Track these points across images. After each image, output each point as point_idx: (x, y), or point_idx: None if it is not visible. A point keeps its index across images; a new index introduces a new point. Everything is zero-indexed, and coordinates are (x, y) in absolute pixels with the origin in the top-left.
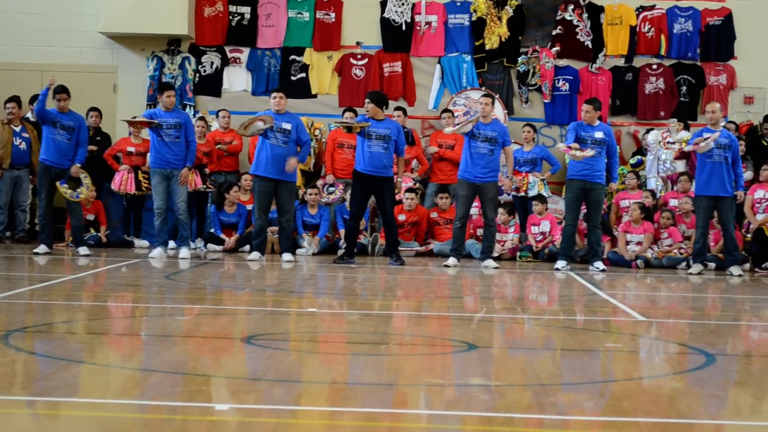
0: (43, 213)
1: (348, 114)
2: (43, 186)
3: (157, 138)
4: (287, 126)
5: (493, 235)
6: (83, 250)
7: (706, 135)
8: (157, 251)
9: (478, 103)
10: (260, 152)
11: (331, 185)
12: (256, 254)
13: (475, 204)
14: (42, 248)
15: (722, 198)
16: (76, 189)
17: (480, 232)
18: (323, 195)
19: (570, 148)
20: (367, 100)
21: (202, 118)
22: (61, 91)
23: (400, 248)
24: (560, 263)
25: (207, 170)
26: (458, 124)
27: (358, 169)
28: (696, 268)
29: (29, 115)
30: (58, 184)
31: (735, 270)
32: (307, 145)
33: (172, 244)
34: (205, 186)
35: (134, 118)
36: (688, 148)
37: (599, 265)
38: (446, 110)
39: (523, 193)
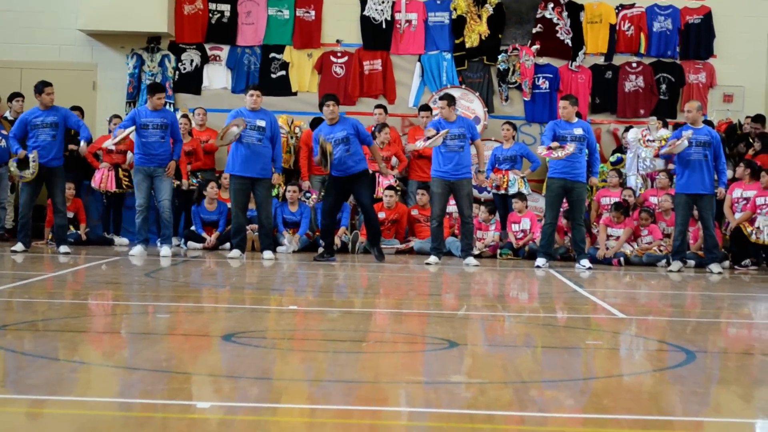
0: (23, 212)
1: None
2: (24, 184)
3: (141, 138)
4: (261, 123)
5: (471, 231)
6: (64, 248)
7: (684, 133)
8: (137, 249)
9: (440, 107)
10: (235, 151)
11: (307, 191)
12: (236, 252)
13: (453, 202)
14: (19, 246)
15: (702, 195)
16: (23, 171)
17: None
18: (302, 199)
19: (551, 149)
20: (332, 102)
21: (185, 116)
22: (48, 84)
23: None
24: (540, 261)
25: (189, 167)
26: (429, 138)
27: (331, 173)
28: (675, 265)
29: (7, 113)
30: (10, 161)
31: (715, 268)
32: (278, 144)
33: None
34: (189, 183)
35: (115, 138)
36: (663, 150)
37: (585, 263)
38: (424, 107)
39: (503, 191)
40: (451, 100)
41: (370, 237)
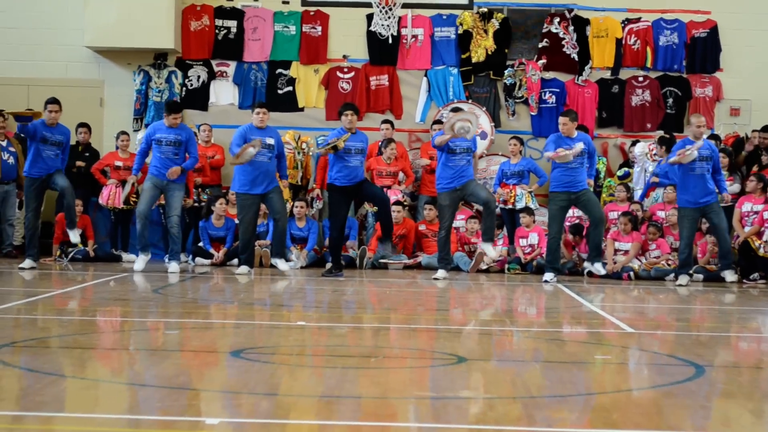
0: (30, 226)
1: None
2: (30, 199)
3: (156, 153)
4: (271, 141)
5: (493, 213)
6: (74, 236)
7: (687, 147)
8: (140, 260)
9: (467, 114)
10: (243, 168)
11: (315, 198)
12: (244, 268)
13: (461, 217)
14: (28, 263)
15: (708, 204)
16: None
17: (467, 248)
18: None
19: (557, 153)
20: (350, 112)
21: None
22: (53, 102)
23: (387, 261)
24: (548, 275)
25: (199, 180)
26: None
27: (336, 184)
28: (683, 279)
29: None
30: None
31: (729, 275)
32: (284, 159)
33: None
34: (197, 200)
35: (124, 192)
36: (672, 159)
37: (599, 267)
38: (437, 121)
39: (510, 206)
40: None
41: (384, 230)
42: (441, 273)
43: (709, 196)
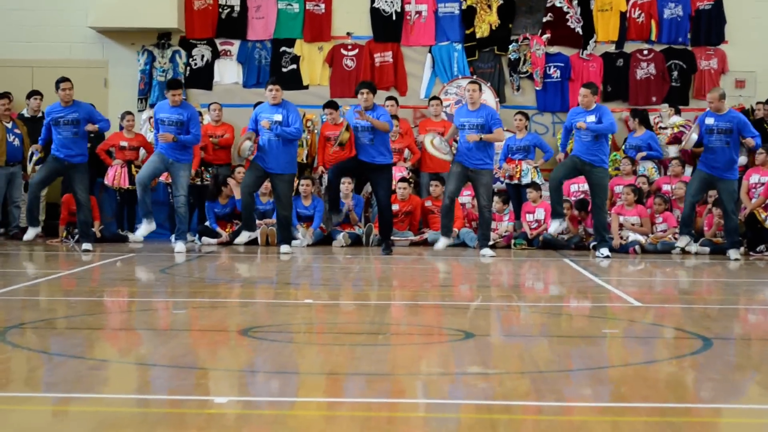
0: (32, 191)
1: (328, 110)
2: (43, 170)
3: (161, 132)
4: (278, 117)
5: (489, 222)
6: (86, 245)
7: (693, 127)
8: (143, 227)
9: (467, 90)
10: (258, 146)
11: (320, 176)
12: (244, 234)
13: (468, 193)
14: (30, 233)
15: (723, 180)
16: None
17: (474, 224)
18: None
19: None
20: (366, 90)
21: (198, 113)
22: (64, 80)
23: (394, 237)
24: (554, 223)
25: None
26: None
27: (358, 156)
28: (683, 240)
29: (24, 111)
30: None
31: (733, 254)
32: (297, 121)
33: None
34: (200, 179)
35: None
36: (684, 146)
37: (604, 251)
38: (434, 98)
39: (516, 181)
40: (481, 86)
41: (382, 231)
42: (442, 242)
43: (728, 172)
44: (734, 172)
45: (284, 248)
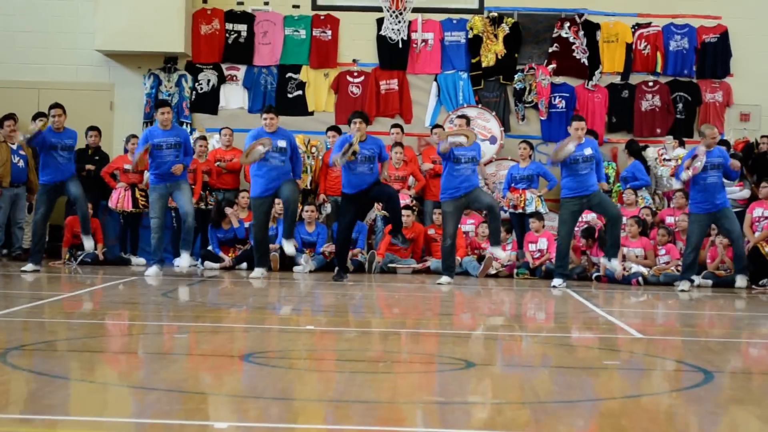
0: (37, 231)
1: (331, 132)
2: (41, 205)
3: (155, 159)
4: (282, 144)
5: (498, 217)
6: (88, 243)
7: (697, 152)
8: (153, 270)
9: (454, 124)
10: (257, 173)
11: (322, 204)
12: (258, 271)
13: (471, 222)
14: (30, 267)
15: (720, 209)
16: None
17: (477, 252)
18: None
19: (561, 146)
20: (359, 120)
21: (203, 138)
22: (56, 106)
23: (396, 265)
24: (556, 281)
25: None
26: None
27: (344, 192)
28: (684, 284)
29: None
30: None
31: (739, 280)
32: (298, 160)
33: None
34: (204, 203)
35: (134, 159)
36: (684, 176)
37: (615, 264)
38: (437, 125)
39: (520, 210)
40: (468, 121)
41: (394, 225)
42: (445, 279)
43: (720, 203)
44: (726, 201)
45: (288, 247)
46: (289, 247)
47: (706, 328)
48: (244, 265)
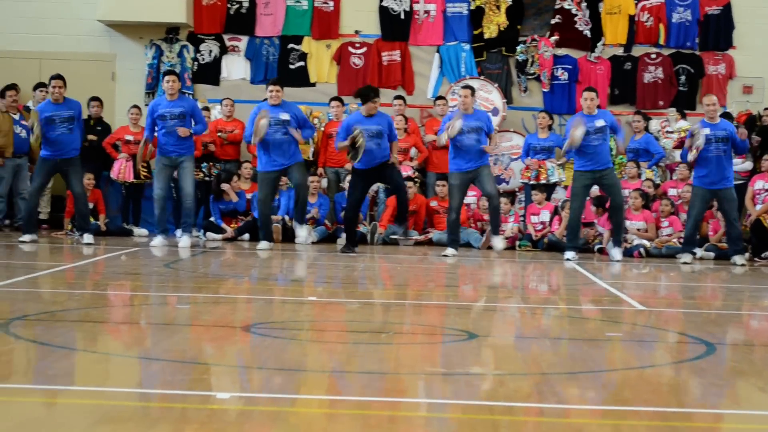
0: (30, 202)
1: (334, 103)
2: (38, 176)
3: (161, 129)
4: (285, 116)
5: (498, 209)
6: (87, 237)
7: (693, 131)
8: (158, 240)
9: (459, 95)
10: (261, 149)
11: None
12: (264, 243)
13: (472, 193)
14: (27, 237)
15: (722, 190)
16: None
17: (480, 224)
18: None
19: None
20: (378, 99)
21: (206, 108)
22: (56, 77)
23: (398, 237)
24: (569, 254)
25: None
26: (446, 129)
27: (355, 167)
28: (686, 257)
29: (29, 103)
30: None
31: (738, 259)
32: (306, 127)
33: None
34: (207, 174)
35: (139, 159)
36: (690, 158)
37: (617, 253)
38: (441, 97)
39: (544, 180)
40: (473, 91)
41: (400, 215)
42: (450, 251)
43: (724, 181)
44: (731, 179)
45: (301, 230)
46: (303, 231)
47: (708, 300)
48: (246, 236)
